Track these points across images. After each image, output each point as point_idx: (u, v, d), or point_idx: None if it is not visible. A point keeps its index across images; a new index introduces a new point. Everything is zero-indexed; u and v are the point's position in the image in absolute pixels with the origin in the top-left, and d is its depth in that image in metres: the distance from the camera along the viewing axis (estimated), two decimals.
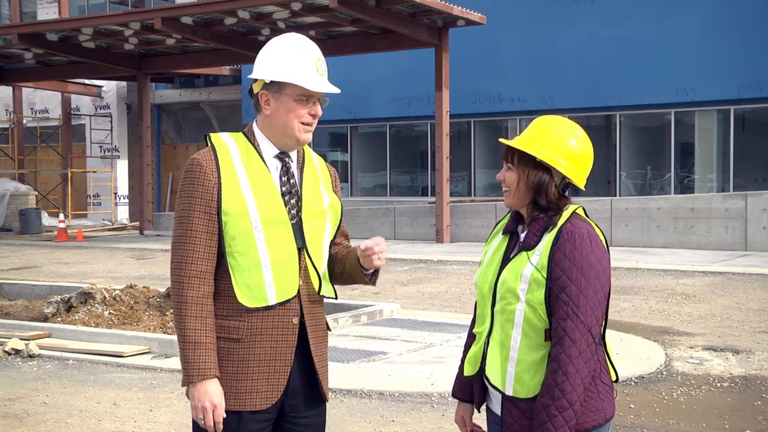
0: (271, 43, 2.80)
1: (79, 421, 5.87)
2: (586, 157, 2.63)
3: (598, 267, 2.49)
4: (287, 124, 2.74)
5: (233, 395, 2.68)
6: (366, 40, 19.77)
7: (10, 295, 11.58)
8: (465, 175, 22.70)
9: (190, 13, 18.34)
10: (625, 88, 19.72)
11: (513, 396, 2.56)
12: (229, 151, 2.73)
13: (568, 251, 2.48)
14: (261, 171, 2.74)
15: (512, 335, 2.55)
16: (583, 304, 2.45)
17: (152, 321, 8.82)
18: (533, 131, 2.63)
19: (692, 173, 20.01)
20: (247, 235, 2.68)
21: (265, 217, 2.69)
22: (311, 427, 2.83)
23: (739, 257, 14.91)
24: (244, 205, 2.67)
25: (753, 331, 8.72)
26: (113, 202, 28.79)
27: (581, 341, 2.44)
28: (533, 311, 2.51)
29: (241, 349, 2.69)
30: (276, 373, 2.71)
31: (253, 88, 2.79)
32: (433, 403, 6.14)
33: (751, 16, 18.50)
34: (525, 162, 2.59)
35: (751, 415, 5.87)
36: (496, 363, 2.59)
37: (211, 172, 2.68)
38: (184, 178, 2.72)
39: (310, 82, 2.71)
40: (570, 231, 2.50)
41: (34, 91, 29.00)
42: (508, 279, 2.56)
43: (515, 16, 20.96)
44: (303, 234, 2.76)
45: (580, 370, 2.43)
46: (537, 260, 2.52)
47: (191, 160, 2.73)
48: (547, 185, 2.57)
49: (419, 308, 10.36)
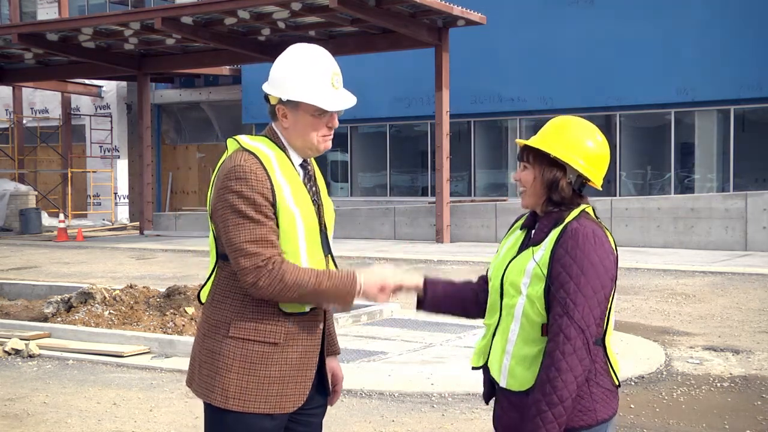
0: (286, 57, 2.77)
1: (79, 421, 5.87)
2: (604, 157, 2.66)
3: (600, 267, 2.50)
4: (306, 138, 2.75)
5: (264, 398, 2.69)
6: (366, 40, 19.77)
7: (10, 295, 11.57)
8: (465, 175, 22.70)
9: (190, 13, 18.34)
10: (625, 88, 19.72)
11: (506, 388, 2.58)
12: (270, 159, 2.71)
13: (570, 248, 2.49)
14: (296, 179, 2.74)
15: (511, 328, 2.58)
16: (581, 302, 2.46)
17: (152, 321, 8.82)
18: (549, 131, 2.66)
19: (692, 173, 20.01)
20: (292, 243, 2.69)
21: (307, 226, 2.71)
22: (316, 417, 2.90)
23: (739, 257, 14.91)
24: (292, 214, 2.68)
25: (753, 331, 8.72)
26: (113, 202, 28.79)
27: (576, 339, 2.45)
28: (532, 305, 2.53)
29: (276, 353, 2.70)
30: (304, 377, 2.75)
31: (269, 99, 2.77)
32: (433, 403, 6.14)
33: (751, 16, 18.50)
34: (540, 160, 2.62)
35: (751, 415, 5.87)
36: (497, 355, 2.62)
37: (264, 179, 2.64)
38: (234, 183, 2.62)
39: (327, 102, 2.72)
40: (575, 228, 2.52)
41: (34, 91, 28.99)
42: (513, 273, 2.59)
43: (515, 16, 20.96)
44: (327, 241, 2.82)
45: (573, 367, 2.44)
46: (540, 255, 2.54)
47: (239, 168, 2.63)
48: (560, 181, 2.59)
49: None
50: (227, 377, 2.69)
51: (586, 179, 2.62)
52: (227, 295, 2.74)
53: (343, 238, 19.41)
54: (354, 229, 20.11)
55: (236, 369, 2.68)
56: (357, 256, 15.96)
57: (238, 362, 2.68)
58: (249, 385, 2.68)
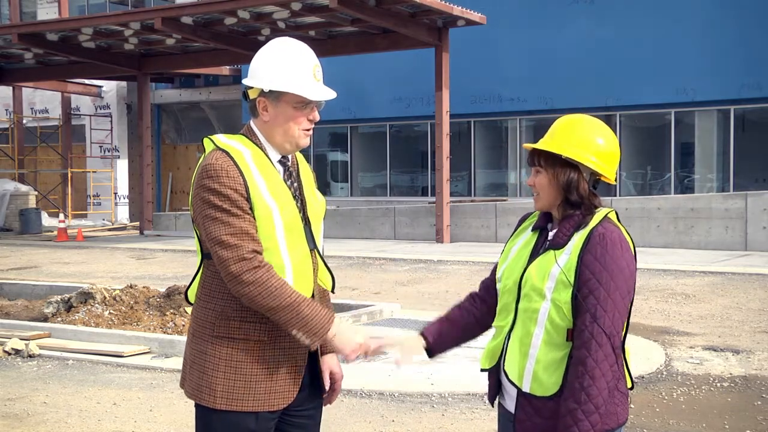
0: (267, 50, 2.78)
1: (78, 421, 5.87)
2: (615, 152, 2.65)
3: (627, 272, 2.49)
4: (287, 131, 2.75)
5: (252, 396, 2.69)
6: (366, 40, 19.77)
7: (10, 295, 11.57)
8: (465, 175, 22.70)
9: (190, 13, 18.34)
10: (625, 88, 19.72)
11: (529, 393, 2.55)
12: (243, 155, 2.71)
13: (599, 254, 2.47)
14: (274, 174, 2.74)
15: (534, 332, 2.54)
16: (611, 309, 2.45)
17: (152, 321, 8.82)
18: (558, 131, 2.63)
19: (692, 173, 20.02)
20: (270, 239, 2.68)
21: (286, 220, 2.71)
22: (311, 418, 2.87)
23: (739, 257, 14.91)
24: (268, 209, 2.67)
25: (753, 331, 8.72)
26: (113, 202, 28.79)
27: (607, 345, 2.44)
28: (558, 310, 2.50)
29: (263, 350, 2.70)
30: (293, 373, 2.74)
31: (249, 93, 2.78)
32: (433, 403, 6.14)
33: (751, 15, 18.50)
34: (552, 162, 2.59)
35: (751, 415, 5.87)
36: (515, 359, 2.58)
37: (236, 175, 2.64)
38: (207, 181, 2.64)
39: (309, 91, 2.72)
40: (602, 234, 2.50)
41: (34, 91, 28.99)
42: (534, 277, 2.55)
43: (515, 16, 20.96)
44: (312, 235, 2.80)
45: (605, 373, 2.44)
46: (565, 260, 2.51)
47: (210, 166, 2.65)
48: (577, 182, 2.57)
49: (419, 308, 10.35)
50: (215, 377, 2.69)
51: (599, 176, 2.61)
52: (213, 294, 2.74)
53: (343, 238, 19.41)
54: (354, 229, 20.12)
55: (223, 368, 2.69)
56: (357, 257, 15.96)
57: (225, 361, 2.69)
58: (236, 384, 2.68)
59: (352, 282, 12.63)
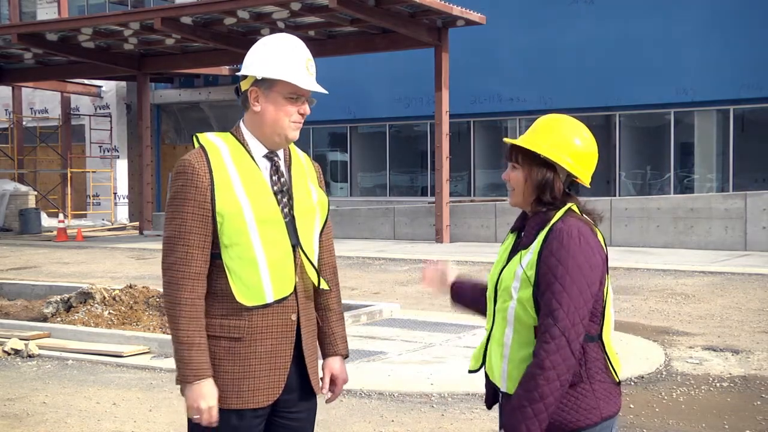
0: (262, 42, 2.82)
1: (78, 421, 5.87)
2: (592, 155, 2.64)
3: (585, 265, 2.49)
4: (277, 122, 2.77)
5: (235, 394, 2.70)
6: (366, 40, 19.77)
7: (9, 295, 11.57)
8: (465, 175, 22.71)
9: (190, 13, 18.35)
10: (625, 88, 19.73)
11: (506, 392, 2.58)
12: (220, 151, 2.74)
13: (554, 249, 2.49)
14: (252, 170, 2.75)
15: (506, 332, 2.58)
16: (566, 302, 2.45)
17: (152, 321, 8.82)
18: (537, 130, 2.65)
19: (692, 173, 20.02)
20: (242, 234, 2.69)
21: (260, 216, 2.71)
22: (302, 420, 2.87)
23: (738, 257, 14.92)
24: (238, 205, 2.69)
25: (752, 331, 8.72)
26: (113, 202, 28.79)
27: (560, 338, 2.44)
28: (523, 308, 2.53)
29: (242, 347, 2.71)
30: (277, 371, 2.74)
31: (242, 86, 2.81)
32: (432, 403, 6.14)
33: (752, 16, 18.51)
34: (530, 160, 2.61)
35: (750, 415, 5.87)
36: (495, 360, 2.63)
37: (204, 173, 2.68)
38: (175, 179, 2.73)
39: (302, 80, 2.75)
40: (559, 229, 2.51)
41: (33, 91, 28.99)
42: (505, 278, 2.60)
43: (515, 16, 20.97)
44: (296, 232, 2.79)
45: (556, 365, 2.44)
46: (528, 259, 2.54)
47: (181, 161, 2.72)
48: (552, 182, 2.58)
49: (419, 308, 10.35)
50: None
51: (575, 177, 2.62)
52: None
53: (343, 238, 19.42)
54: (354, 229, 20.12)
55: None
56: (357, 257, 15.97)
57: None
58: (218, 382, 2.69)
59: (352, 282, 12.63)
